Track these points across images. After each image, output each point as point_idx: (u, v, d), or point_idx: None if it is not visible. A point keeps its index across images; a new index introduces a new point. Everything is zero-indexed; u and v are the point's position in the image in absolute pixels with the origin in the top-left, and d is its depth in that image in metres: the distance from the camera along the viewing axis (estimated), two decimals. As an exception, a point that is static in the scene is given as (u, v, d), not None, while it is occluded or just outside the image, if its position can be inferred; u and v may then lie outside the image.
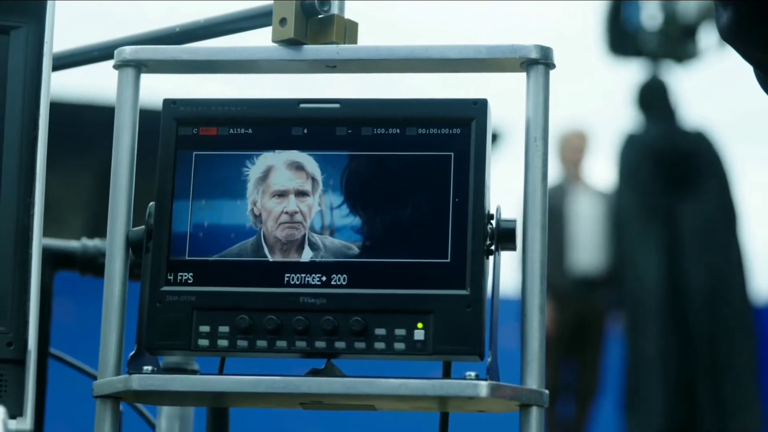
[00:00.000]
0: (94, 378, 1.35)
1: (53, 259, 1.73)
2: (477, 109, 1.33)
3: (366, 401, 1.31)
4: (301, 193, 1.33)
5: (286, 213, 1.33)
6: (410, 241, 1.31)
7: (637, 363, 4.82)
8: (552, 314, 5.39)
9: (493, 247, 1.31)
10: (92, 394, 1.33)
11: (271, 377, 1.28)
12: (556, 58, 1.35)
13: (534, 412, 1.28)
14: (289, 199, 1.33)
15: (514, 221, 1.32)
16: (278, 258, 1.32)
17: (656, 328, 4.77)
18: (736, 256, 4.91)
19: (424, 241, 1.30)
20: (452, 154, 1.32)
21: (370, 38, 1.43)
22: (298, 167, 1.34)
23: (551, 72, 1.35)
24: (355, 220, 1.32)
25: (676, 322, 4.80)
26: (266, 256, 1.32)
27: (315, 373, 1.31)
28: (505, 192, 1.37)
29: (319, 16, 1.40)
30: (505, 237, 1.31)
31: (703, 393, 4.72)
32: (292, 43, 1.39)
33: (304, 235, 1.32)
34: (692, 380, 4.76)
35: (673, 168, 4.95)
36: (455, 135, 1.32)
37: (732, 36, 1.26)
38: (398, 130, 1.34)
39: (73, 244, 1.77)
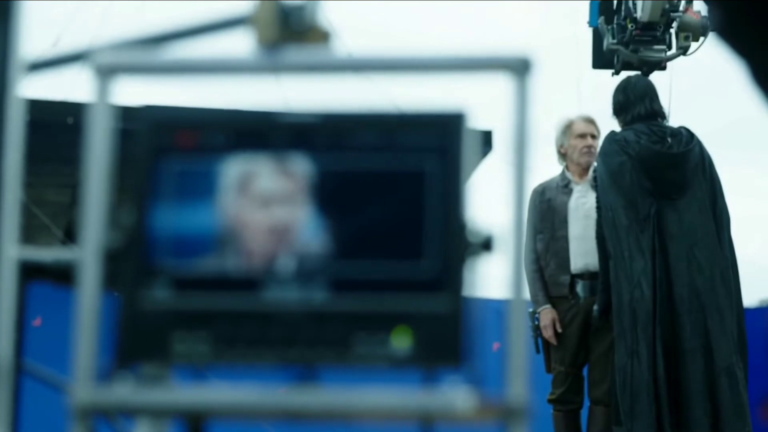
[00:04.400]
0: (68, 391, 1.32)
1: (26, 270, 1.70)
2: (456, 118, 1.33)
3: (346, 414, 1.29)
4: (287, 201, 1.31)
5: (271, 224, 1.31)
6: (390, 250, 1.29)
7: (631, 371, 4.77)
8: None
9: (473, 255, 1.30)
10: (66, 406, 1.30)
11: (249, 391, 1.27)
12: (539, 64, 1.34)
13: (517, 423, 1.26)
14: (275, 209, 1.31)
15: (492, 229, 1.31)
16: (257, 267, 1.30)
17: (647, 335, 4.73)
18: (726, 260, 4.88)
19: (404, 250, 1.29)
20: (432, 162, 1.31)
21: (351, 43, 1.41)
22: (287, 171, 1.32)
23: (539, 77, 1.35)
24: (334, 231, 1.30)
25: (665, 328, 4.76)
26: (245, 266, 1.30)
27: (295, 384, 1.29)
28: (500, 195, 1.36)
29: (299, 21, 1.39)
30: (484, 244, 1.30)
31: (697, 402, 4.68)
32: (272, 47, 1.38)
33: (287, 246, 1.30)
34: (686, 389, 4.73)
35: (660, 171, 4.91)
36: (435, 144, 1.32)
37: (724, 35, 1.27)
38: (377, 140, 1.33)
39: (46, 253, 1.74)
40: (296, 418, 1.31)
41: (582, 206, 5.43)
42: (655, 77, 5.52)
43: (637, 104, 5.15)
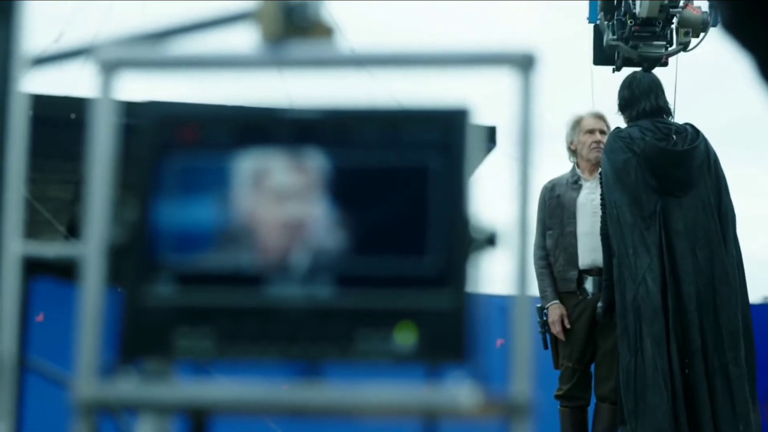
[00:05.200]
0: (71, 386, 1.32)
1: (29, 266, 1.70)
2: (460, 114, 1.32)
3: (349, 410, 1.29)
4: (301, 196, 1.30)
5: (285, 219, 1.30)
6: (394, 246, 1.29)
7: (634, 369, 4.74)
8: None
9: (477, 251, 1.30)
10: (69, 402, 1.30)
11: (252, 387, 1.26)
12: (545, 60, 1.34)
13: (520, 419, 1.26)
14: (288, 204, 1.31)
15: (496, 225, 1.31)
16: (265, 263, 1.30)
17: (653, 331, 4.71)
18: (731, 258, 4.86)
19: (408, 246, 1.29)
20: (435, 158, 1.31)
21: (354, 41, 1.41)
22: (300, 166, 1.31)
23: (546, 74, 1.34)
24: (338, 227, 1.30)
25: (676, 325, 4.74)
26: (252, 261, 1.30)
27: (298, 380, 1.29)
28: (504, 191, 1.36)
29: (303, 16, 1.38)
30: (488, 240, 1.30)
31: (703, 402, 4.66)
32: (275, 42, 1.37)
33: (301, 242, 1.30)
34: (693, 388, 4.70)
35: (664, 168, 4.88)
36: (438, 140, 1.32)
37: (732, 30, 1.27)
38: (381, 136, 1.32)
39: (49, 248, 1.74)
40: (299, 414, 1.31)
41: (591, 202, 5.42)
42: (660, 74, 5.49)
43: (642, 100, 5.13)
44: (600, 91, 5.93)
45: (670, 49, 5.58)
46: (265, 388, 1.26)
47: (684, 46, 5.58)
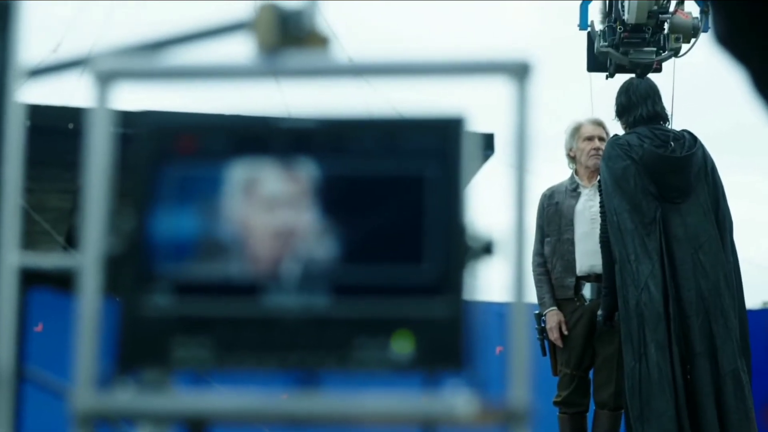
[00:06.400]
0: (69, 396, 1.32)
1: (27, 276, 1.70)
2: (456, 122, 1.32)
3: (347, 419, 1.29)
4: (292, 204, 1.31)
5: (276, 227, 1.30)
6: (390, 254, 1.29)
7: (639, 374, 4.73)
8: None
9: (474, 258, 1.30)
10: (68, 412, 1.30)
11: (250, 396, 1.26)
12: (541, 65, 1.34)
13: (519, 426, 1.26)
14: (279, 212, 1.31)
15: (493, 232, 1.31)
16: (259, 272, 1.30)
17: (657, 336, 4.70)
18: (729, 264, 4.86)
19: (404, 255, 1.29)
20: (432, 166, 1.31)
21: (349, 45, 1.41)
22: (292, 175, 1.31)
23: (543, 77, 1.35)
24: (334, 236, 1.30)
25: (677, 331, 4.73)
26: (249, 270, 1.30)
27: (296, 389, 1.29)
28: (502, 198, 1.36)
29: (298, 26, 1.38)
30: (485, 248, 1.30)
31: (707, 406, 4.65)
32: (271, 52, 1.37)
33: (292, 249, 1.30)
34: (696, 392, 4.70)
35: (663, 175, 4.88)
36: (435, 148, 1.32)
37: (726, 43, 1.28)
38: (377, 144, 1.32)
39: (46, 259, 1.74)
40: (297, 424, 1.31)
41: (589, 209, 5.42)
42: (657, 80, 5.48)
43: (639, 106, 5.13)
44: (599, 96, 5.93)
45: (662, 54, 5.57)
46: (263, 397, 1.26)
47: (675, 52, 5.56)
